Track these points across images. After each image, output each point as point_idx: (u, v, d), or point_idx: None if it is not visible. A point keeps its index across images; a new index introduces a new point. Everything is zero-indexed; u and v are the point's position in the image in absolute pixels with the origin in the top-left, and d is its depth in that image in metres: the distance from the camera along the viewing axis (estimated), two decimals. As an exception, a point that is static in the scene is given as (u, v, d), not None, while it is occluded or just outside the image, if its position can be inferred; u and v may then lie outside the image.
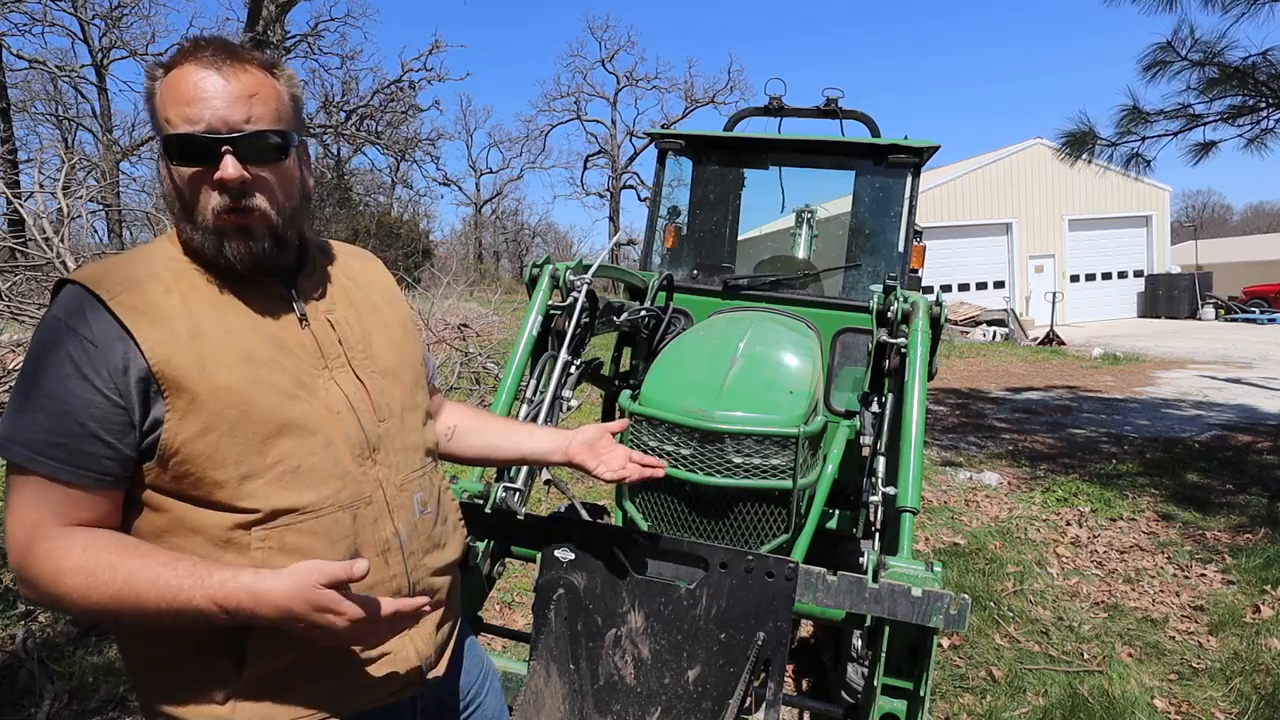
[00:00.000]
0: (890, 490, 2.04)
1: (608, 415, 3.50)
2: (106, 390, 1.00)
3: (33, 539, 1.00)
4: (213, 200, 1.06)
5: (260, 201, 1.09)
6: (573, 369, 2.48)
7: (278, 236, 1.12)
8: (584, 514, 2.97)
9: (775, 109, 4.05)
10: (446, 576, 1.30)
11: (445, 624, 1.30)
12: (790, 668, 3.35)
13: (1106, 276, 25.15)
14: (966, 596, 1.56)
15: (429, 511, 1.27)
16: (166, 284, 1.08)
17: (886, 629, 1.65)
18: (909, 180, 3.52)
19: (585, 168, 44.37)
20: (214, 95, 1.05)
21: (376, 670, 1.16)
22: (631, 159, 42.16)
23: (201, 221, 1.08)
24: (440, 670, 1.27)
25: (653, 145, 3.82)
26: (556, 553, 1.56)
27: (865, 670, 2.04)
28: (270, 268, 1.14)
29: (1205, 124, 7.93)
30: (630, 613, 1.51)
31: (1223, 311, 24.29)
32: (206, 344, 1.06)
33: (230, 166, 1.05)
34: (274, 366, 1.10)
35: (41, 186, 7.51)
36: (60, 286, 1.07)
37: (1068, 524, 5.42)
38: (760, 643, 1.43)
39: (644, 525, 2.32)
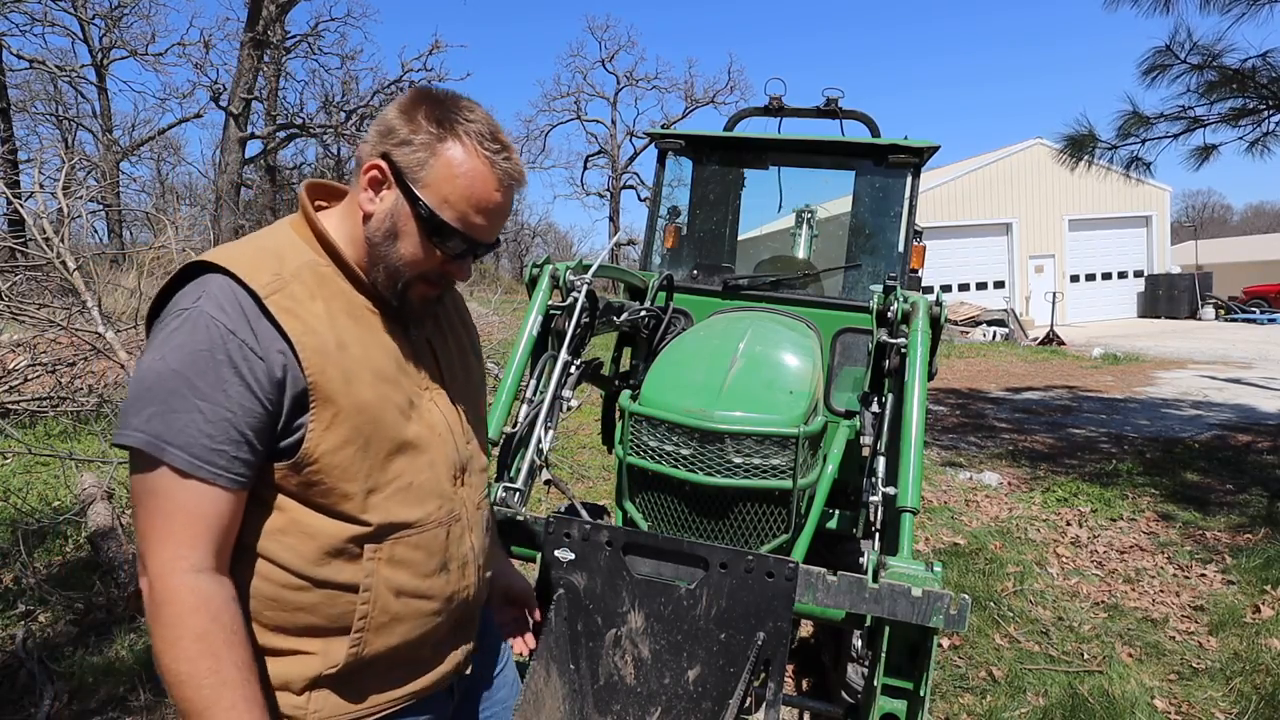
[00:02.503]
0: (890, 490, 2.04)
1: (608, 415, 3.50)
2: (265, 399, 1.01)
3: (177, 562, 0.98)
4: (428, 274, 1.14)
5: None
6: (573, 369, 2.48)
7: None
8: (584, 514, 2.96)
9: (775, 109, 4.04)
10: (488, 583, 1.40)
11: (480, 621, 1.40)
12: (790, 668, 3.35)
13: (1106, 277, 25.16)
14: (966, 596, 1.56)
15: (490, 528, 1.38)
16: (311, 288, 1.08)
17: (886, 629, 1.65)
18: (909, 180, 3.52)
19: (585, 168, 44.34)
20: (500, 217, 1.14)
21: (435, 662, 1.24)
22: (631, 159, 42.15)
23: (400, 275, 1.12)
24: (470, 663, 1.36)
25: (653, 145, 3.82)
26: (556, 553, 1.56)
27: (865, 670, 2.04)
28: None
29: (1206, 126, 7.94)
30: (630, 613, 1.51)
31: (1223, 311, 24.30)
32: (349, 357, 1.08)
33: (468, 271, 1.17)
34: (395, 385, 1.14)
35: (41, 186, 7.51)
36: (197, 270, 1.05)
37: (1068, 524, 5.42)
38: (760, 643, 1.43)
39: (644, 525, 2.32)
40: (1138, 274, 25.28)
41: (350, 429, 1.06)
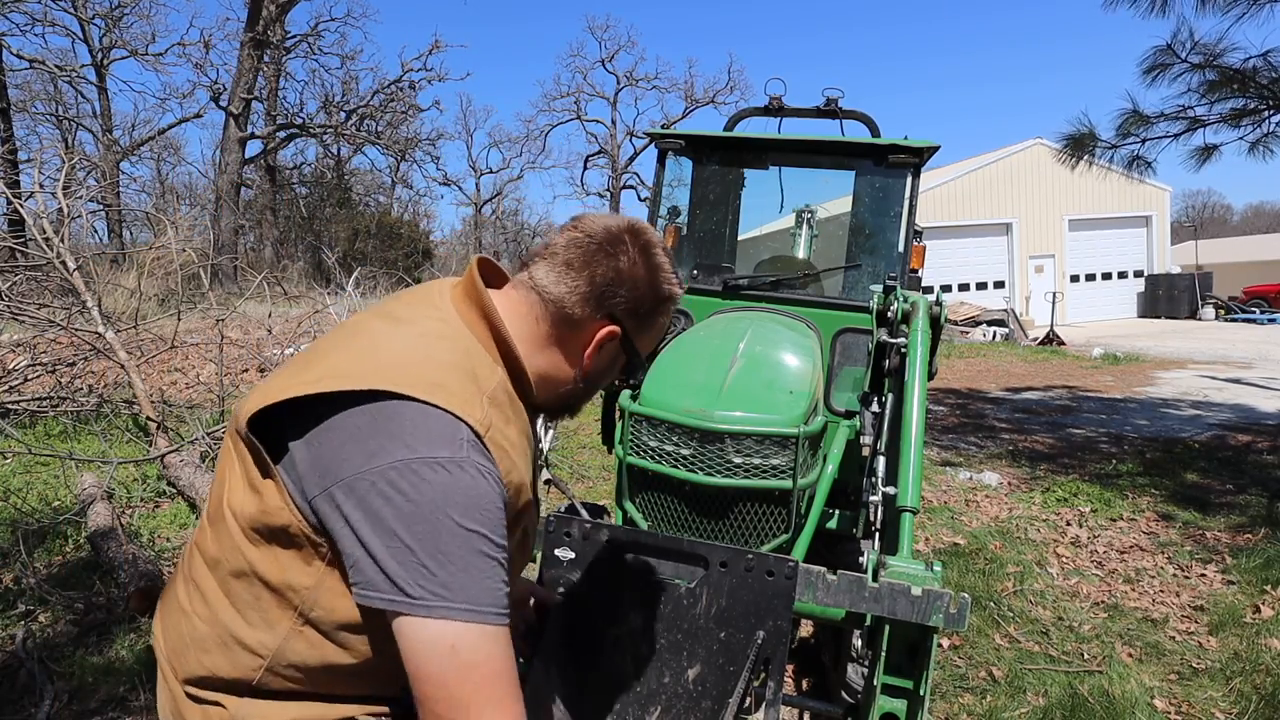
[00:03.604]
0: (890, 490, 2.04)
1: (608, 415, 3.50)
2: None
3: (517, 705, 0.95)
4: (595, 394, 1.29)
5: None
6: (573, 369, 2.48)
7: None
8: (584, 513, 2.97)
9: (775, 109, 4.04)
10: None
11: None
12: (790, 668, 3.35)
13: (1106, 277, 25.16)
14: (966, 595, 1.56)
15: None
16: (505, 412, 1.06)
17: (886, 628, 1.65)
18: (909, 180, 3.52)
19: (585, 168, 44.41)
20: None
21: None
22: (631, 159, 42.17)
23: (591, 394, 1.27)
24: None
25: (653, 145, 3.82)
26: (556, 551, 1.56)
27: (865, 670, 2.04)
28: None
29: (1206, 126, 7.94)
30: (630, 612, 1.51)
31: (1223, 311, 24.31)
32: (524, 478, 1.08)
33: None
34: (533, 495, 1.16)
35: (41, 186, 7.51)
36: (436, 410, 0.98)
37: (1068, 524, 5.42)
38: (760, 641, 1.43)
39: (644, 525, 2.32)
40: (1138, 274, 25.28)
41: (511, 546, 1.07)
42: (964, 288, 23.39)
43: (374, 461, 0.93)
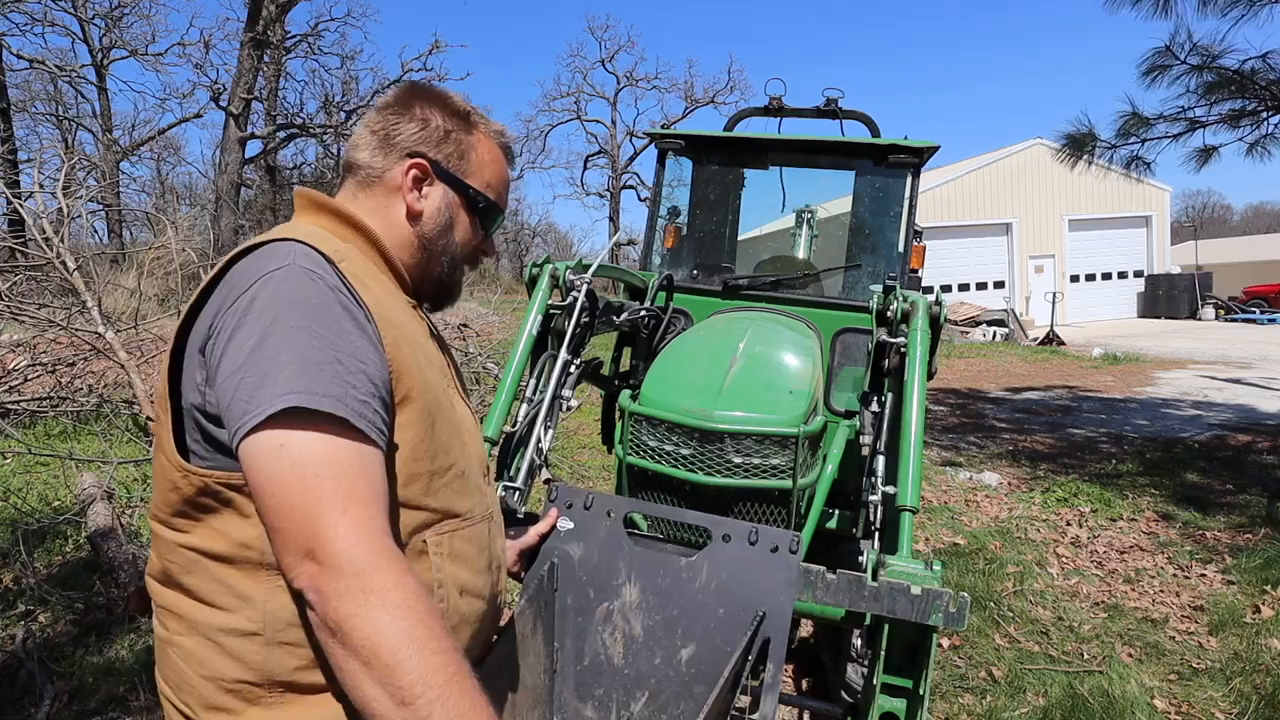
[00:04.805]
0: (890, 489, 2.04)
1: (608, 415, 3.50)
2: (380, 354, 0.94)
3: (370, 523, 0.83)
4: (472, 255, 1.23)
5: None
6: (572, 369, 2.48)
7: None
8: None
9: (775, 109, 4.04)
10: None
11: None
12: (790, 668, 3.35)
13: (1106, 277, 25.15)
14: (965, 595, 1.55)
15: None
16: (363, 266, 1.06)
17: (886, 627, 1.65)
18: (909, 180, 3.52)
19: (585, 168, 44.33)
20: (509, 191, 1.26)
21: None
22: (631, 159, 42.14)
23: (458, 263, 1.20)
24: None
25: (653, 145, 3.82)
26: (557, 522, 1.55)
27: (865, 670, 2.04)
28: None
29: (1206, 128, 7.93)
30: (625, 585, 1.47)
31: (1223, 312, 24.30)
32: (407, 339, 1.03)
33: (494, 246, 1.26)
34: (439, 373, 1.12)
35: (41, 186, 7.51)
36: (269, 244, 0.97)
37: (1068, 524, 5.42)
38: (761, 619, 1.39)
39: (643, 525, 2.32)
40: (1138, 274, 25.28)
41: (421, 406, 1.00)
42: (964, 288, 23.38)
43: (222, 311, 0.90)
